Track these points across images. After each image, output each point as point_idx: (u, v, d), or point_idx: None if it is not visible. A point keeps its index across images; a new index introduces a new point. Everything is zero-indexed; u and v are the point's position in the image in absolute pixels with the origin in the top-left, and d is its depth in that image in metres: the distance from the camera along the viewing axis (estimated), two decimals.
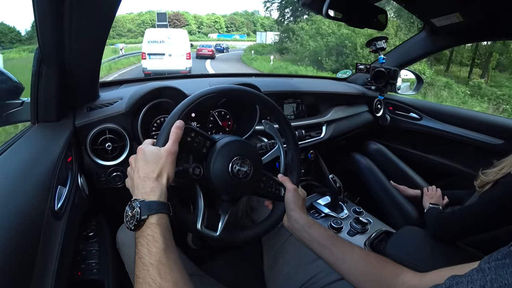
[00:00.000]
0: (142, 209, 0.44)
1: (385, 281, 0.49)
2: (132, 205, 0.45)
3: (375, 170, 1.42)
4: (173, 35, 9.20)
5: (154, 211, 0.45)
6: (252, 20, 69.77)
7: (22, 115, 0.77)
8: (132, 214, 0.45)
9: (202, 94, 0.62)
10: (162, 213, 0.46)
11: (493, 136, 1.31)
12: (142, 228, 0.44)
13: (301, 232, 0.63)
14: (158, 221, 0.45)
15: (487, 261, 0.33)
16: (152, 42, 8.96)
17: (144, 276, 0.40)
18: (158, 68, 8.56)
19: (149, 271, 0.40)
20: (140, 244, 0.43)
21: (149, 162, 0.50)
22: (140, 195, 0.47)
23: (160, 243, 0.43)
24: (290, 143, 0.75)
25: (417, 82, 1.69)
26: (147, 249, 0.42)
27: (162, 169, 0.50)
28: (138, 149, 0.54)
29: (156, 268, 0.41)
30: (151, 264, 0.41)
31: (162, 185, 0.49)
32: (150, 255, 0.42)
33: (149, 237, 0.43)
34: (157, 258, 0.42)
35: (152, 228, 0.44)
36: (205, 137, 0.60)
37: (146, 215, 0.44)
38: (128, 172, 0.54)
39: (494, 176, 0.86)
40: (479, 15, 1.08)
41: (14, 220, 0.43)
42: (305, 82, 1.69)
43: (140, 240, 0.44)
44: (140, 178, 0.49)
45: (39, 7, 0.58)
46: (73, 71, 0.75)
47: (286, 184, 0.69)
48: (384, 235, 1.11)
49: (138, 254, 0.43)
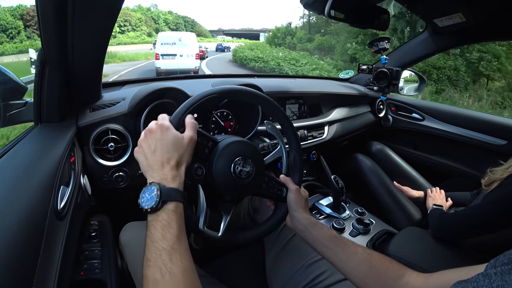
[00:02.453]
0: (162, 194, 0.45)
1: (389, 281, 0.49)
2: (152, 188, 0.45)
3: (378, 171, 1.42)
4: (184, 37, 10.30)
5: (173, 198, 0.46)
6: (151, 16, 56.80)
7: (25, 116, 0.77)
8: (150, 196, 0.45)
9: (203, 95, 0.62)
10: (179, 201, 0.47)
11: (496, 137, 1.30)
12: (158, 212, 0.45)
13: (304, 233, 0.62)
14: (175, 209, 0.46)
15: (493, 266, 0.32)
16: (165, 44, 9.94)
17: (155, 260, 0.41)
18: (170, 67, 9.48)
19: (161, 256, 0.41)
20: (154, 228, 0.43)
21: (169, 146, 0.49)
22: (159, 179, 0.47)
23: (175, 230, 0.43)
24: (292, 144, 0.74)
25: (419, 82, 1.69)
26: (161, 234, 0.43)
27: (182, 157, 0.50)
28: (156, 125, 0.51)
29: (168, 253, 0.41)
30: (164, 249, 0.41)
31: (181, 173, 0.50)
32: (164, 240, 0.42)
33: (165, 222, 0.44)
34: (170, 244, 0.42)
35: (168, 214, 0.45)
36: (207, 137, 0.60)
37: (165, 200, 0.45)
38: (141, 144, 0.51)
39: (501, 174, 0.86)
40: (482, 15, 1.08)
41: (17, 220, 0.43)
42: (307, 82, 1.69)
43: (154, 223, 0.44)
44: (159, 162, 0.48)
45: (42, 8, 0.58)
46: (76, 71, 0.75)
47: (289, 184, 0.69)
48: (387, 236, 1.10)
49: (150, 237, 0.43)
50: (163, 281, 0.39)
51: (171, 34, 10.79)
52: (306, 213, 0.65)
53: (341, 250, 0.56)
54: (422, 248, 0.94)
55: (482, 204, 0.87)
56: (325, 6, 0.88)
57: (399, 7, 7.82)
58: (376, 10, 1.04)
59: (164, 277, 0.39)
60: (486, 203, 0.86)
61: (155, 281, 0.39)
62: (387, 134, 1.75)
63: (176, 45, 9.95)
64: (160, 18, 58.79)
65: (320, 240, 0.59)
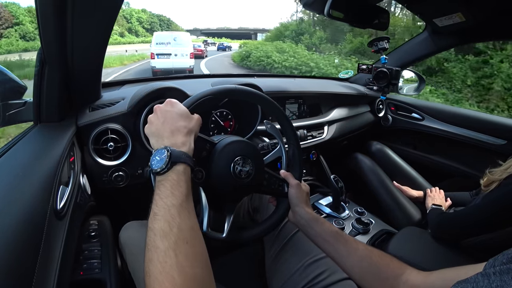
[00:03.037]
0: (172, 155, 0.46)
1: (389, 278, 0.49)
2: (163, 150, 0.47)
3: (378, 171, 1.42)
4: (178, 37, 10.44)
5: (183, 160, 0.47)
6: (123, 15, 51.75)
7: (25, 115, 0.77)
8: (160, 158, 0.46)
9: (203, 94, 0.62)
10: (188, 164, 0.48)
11: (496, 137, 1.30)
12: (167, 173, 0.46)
13: (306, 228, 0.63)
14: (184, 170, 0.47)
15: (491, 265, 0.32)
16: (160, 43, 10.07)
17: (164, 214, 0.41)
18: (165, 67, 9.68)
19: (170, 210, 0.41)
20: (163, 186, 0.44)
21: (178, 117, 0.52)
22: (169, 144, 0.48)
23: (184, 189, 0.45)
24: (291, 140, 0.75)
25: (419, 82, 1.69)
26: (171, 191, 0.44)
27: (192, 129, 0.53)
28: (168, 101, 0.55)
29: (177, 209, 0.42)
30: (173, 205, 0.42)
31: (190, 141, 0.51)
32: (173, 196, 0.43)
33: (174, 181, 0.45)
34: (179, 201, 0.43)
35: (178, 174, 0.46)
36: (205, 140, 0.60)
37: (174, 162, 0.46)
38: (151, 119, 0.54)
39: (500, 175, 0.86)
40: (481, 15, 1.08)
41: (17, 220, 0.43)
42: (307, 82, 1.69)
43: (163, 182, 0.45)
44: (170, 130, 0.50)
45: (41, 7, 0.58)
46: (75, 71, 0.75)
47: (289, 179, 0.69)
48: (386, 235, 1.10)
49: (159, 194, 0.44)
50: (172, 233, 0.40)
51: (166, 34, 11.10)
52: (308, 208, 0.65)
53: (342, 246, 0.57)
54: (421, 248, 0.94)
55: (481, 204, 0.87)
56: (325, 6, 0.89)
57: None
58: (376, 10, 1.04)
59: (172, 230, 0.40)
60: (485, 203, 0.86)
61: (163, 233, 0.40)
62: (387, 134, 1.75)
63: (171, 45, 10.12)
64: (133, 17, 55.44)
65: (322, 235, 0.60)
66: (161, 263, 0.37)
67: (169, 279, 0.36)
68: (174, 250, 0.38)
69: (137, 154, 0.88)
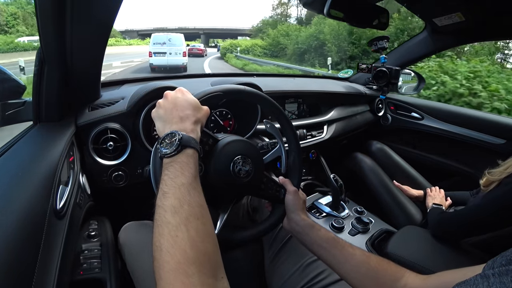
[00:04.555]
0: (183, 139, 0.47)
1: (387, 283, 0.49)
2: (173, 134, 0.48)
3: (378, 170, 1.42)
4: (173, 38, 12.27)
5: (191, 145, 0.48)
6: (33, 12, 26.69)
7: (24, 115, 0.77)
8: (170, 141, 0.48)
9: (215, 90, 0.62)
10: (196, 149, 0.49)
11: (495, 136, 1.31)
12: (177, 155, 0.47)
13: (301, 235, 0.62)
14: (193, 154, 0.48)
15: (490, 267, 0.32)
16: (156, 43, 11.94)
17: (174, 192, 0.42)
18: (161, 64, 11.67)
19: (180, 189, 0.43)
20: (172, 167, 0.46)
21: (190, 106, 0.53)
22: (178, 129, 0.50)
23: (193, 170, 0.46)
24: (291, 144, 0.74)
25: (418, 81, 1.69)
26: (181, 171, 0.45)
27: (200, 118, 0.54)
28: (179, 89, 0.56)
29: (187, 188, 0.43)
30: (183, 184, 0.43)
31: (198, 129, 0.53)
32: (183, 176, 0.44)
33: (183, 163, 0.46)
34: (189, 181, 0.44)
35: (187, 157, 0.47)
36: (208, 135, 0.60)
37: (185, 145, 0.47)
38: (160, 103, 0.55)
39: (499, 175, 0.86)
40: (481, 15, 1.08)
41: (17, 220, 0.43)
42: (306, 82, 1.69)
43: (173, 164, 0.46)
44: (179, 116, 0.52)
45: (41, 7, 0.58)
46: (75, 70, 0.75)
47: (287, 186, 0.69)
48: (386, 234, 1.10)
49: (169, 175, 0.45)
50: (182, 209, 0.40)
51: (162, 35, 12.54)
52: (303, 215, 0.65)
53: (339, 252, 0.56)
54: (421, 247, 0.94)
55: (482, 204, 0.87)
56: (325, 6, 0.89)
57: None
58: (375, 9, 1.04)
59: (183, 206, 0.41)
60: (485, 202, 0.86)
61: (174, 209, 0.40)
62: (386, 133, 1.75)
63: (166, 45, 11.93)
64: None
65: (318, 242, 0.59)
66: (172, 237, 0.38)
67: (181, 252, 0.37)
68: (185, 225, 0.39)
69: (136, 154, 0.88)
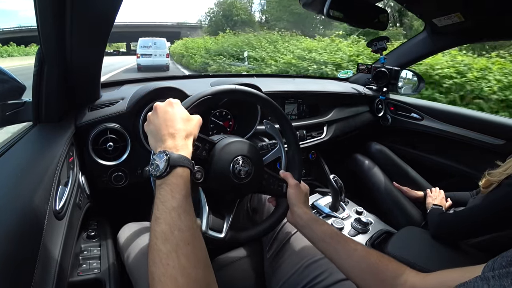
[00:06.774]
0: (171, 159, 0.47)
1: (387, 279, 0.49)
2: (161, 155, 0.47)
3: (378, 171, 1.42)
4: (157, 42, 13.98)
5: (181, 164, 0.48)
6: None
7: (24, 115, 0.77)
8: (159, 162, 0.47)
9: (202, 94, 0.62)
10: (187, 167, 0.49)
11: (494, 137, 1.30)
12: (167, 177, 0.46)
13: (304, 228, 0.63)
14: (182, 173, 0.47)
15: (490, 268, 0.32)
16: (143, 47, 13.68)
17: (165, 217, 0.42)
18: (147, 64, 13.27)
19: (171, 214, 0.43)
20: (163, 190, 0.45)
21: (178, 119, 0.53)
22: (168, 148, 0.49)
23: (184, 191, 0.46)
24: (291, 140, 0.75)
25: (418, 82, 1.69)
26: (171, 194, 0.45)
27: (191, 131, 0.53)
28: (168, 101, 0.55)
29: (177, 211, 0.43)
30: (174, 208, 0.43)
31: (189, 144, 0.52)
32: (173, 199, 0.44)
33: (174, 185, 0.46)
34: (179, 204, 0.44)
35: (177, 177, 0.47)
36: (204, 140, 0.60)
37: (173, 166, 0.47)
38: (149, 118, 0.54)
39: (499, 176, 0.85)
40: (481, 15, 1.08)
41: (16, 220, 0.43)
42: (306, 82, 1.69)
43: (163, 186, 0.46)
44: (169, 132, 0.51)
45: (40, 7, 0.58)
46: (74, 71, 0.75)
47: (288, 179, 0.69)
48: (385, 235, 1.10)
49: (160, 198, 0.45)
50: (173, 236, 0.41)
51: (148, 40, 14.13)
52: (306, 208, 0.65)
53: (341, 247, 0.56)
54: (421, 248, 0.94)
55: (482, 205, 0.87)
56: (324, 6, 0.89)
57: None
58: (375, 9, 1.04)
59: (173, 232, 0.41)
60: (486, 203, 0.86)
61: (165, 236, 0.41)
62: (386, 134, 1.75)
63: (152, 48, 13.65)
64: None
65: (320, 236, 0.59)
66: (164, 265, 0.38)
67: (172, 281, 0.37)
68: (176, 252, 0.39)
69: (136, 154, 0.88)
